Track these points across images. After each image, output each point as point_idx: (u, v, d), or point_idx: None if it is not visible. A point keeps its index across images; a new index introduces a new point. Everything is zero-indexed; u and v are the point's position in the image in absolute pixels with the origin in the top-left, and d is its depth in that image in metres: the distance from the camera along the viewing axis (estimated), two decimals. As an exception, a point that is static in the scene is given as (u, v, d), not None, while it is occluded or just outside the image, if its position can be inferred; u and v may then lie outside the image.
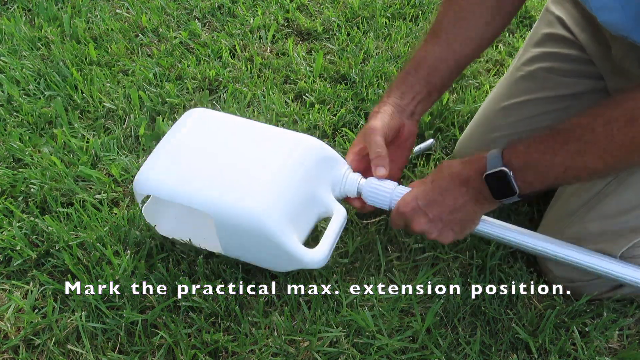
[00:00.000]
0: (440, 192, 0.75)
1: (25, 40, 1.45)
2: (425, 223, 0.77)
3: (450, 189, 0.75)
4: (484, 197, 0.73)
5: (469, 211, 0.76)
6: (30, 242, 0.98)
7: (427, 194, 0.77)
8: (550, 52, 0.97)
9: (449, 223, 0.77)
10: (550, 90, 0.96)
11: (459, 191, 0.74)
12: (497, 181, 0.70)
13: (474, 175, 0.73)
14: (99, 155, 1.14)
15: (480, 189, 0.72)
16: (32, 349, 0.85)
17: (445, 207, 0.75)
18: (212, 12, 1.58)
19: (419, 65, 0.88)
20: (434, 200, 0.76)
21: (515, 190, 0.70)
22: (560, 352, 0.83)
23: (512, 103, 0.99)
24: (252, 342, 0.83)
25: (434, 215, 0.76)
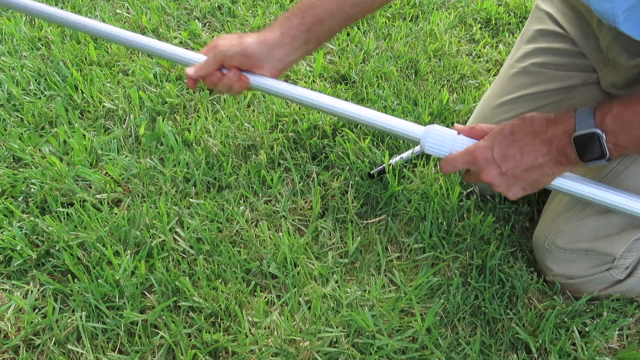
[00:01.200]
0: (519, 147, 0.71)
1: (26, 40, 1.45)
2: (497, 175, 0.73)
3: (531, 147, 0.70)
4: (567, 159, 0.69)
5: (546, 172, 0.71)
6: (30, 242, 0.98)
7: (504, 146, 0.72)
8: (542, 47, 0.97)
9: (521, 180, 0.73)
10: (543, 85, 0.96)
11: (540, 150, 0.70)
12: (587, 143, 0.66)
13: (560, 135, 0.68)
14: (99, 155, 1.14)
15: (565, 150, 0.68)
16: (32, 349, 0.85)
17: (521, 164, 0.71)
18: (212, 12, 1.58)
19: (306, 11, 0.86)
20: (512, 155, 0.71)
21: (605, 153, 0.66)
22: (560, 352, 0.83)
23: (508, 99, 0.99)
24: (252, 342, 0.83)
25: (508, 169, 0.72)
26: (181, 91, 1.31)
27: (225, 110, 1.24)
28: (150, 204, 1.03)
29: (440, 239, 0.97)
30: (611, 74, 0.88)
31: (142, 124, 1.19)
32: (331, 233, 0.99)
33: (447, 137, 0.79)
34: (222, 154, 1.13)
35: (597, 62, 0.91)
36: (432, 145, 0.80)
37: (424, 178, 1.07)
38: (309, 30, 0.85)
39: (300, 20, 0.85)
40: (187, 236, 0.97)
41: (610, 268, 0.85)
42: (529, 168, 0.72)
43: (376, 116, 0.85)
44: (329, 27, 0.86)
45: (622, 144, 0.66)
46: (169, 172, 1.09)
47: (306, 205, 1.05)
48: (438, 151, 0.80)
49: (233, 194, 1.06)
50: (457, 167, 0.77)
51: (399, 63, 1.38)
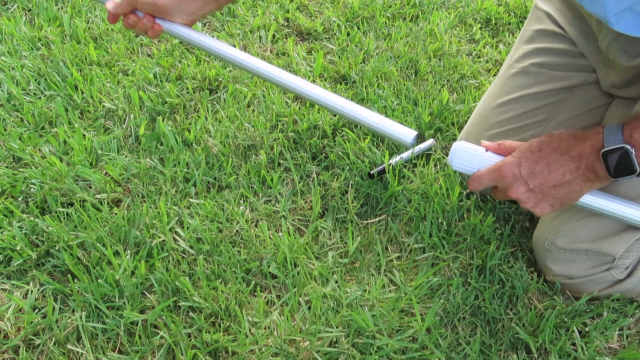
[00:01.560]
0: (547, 164, 0.71)
1: (25, 40, 1.45)
2: (524, 192, 0.73)
3: (559, 163, 0.70)
4: (596, 175, 0.69)
5: (574, 189, 0.71)
6: (30, 242, 0.98)
7: (532, 162, 0.72)
8: (541, 47, 0.98)
9: (549, 196, 0.73)
10: (543, 85, 0.96)
11: (569, 167, 0.70)
12: (616, 159, 0.66)
13: (588, 152, 0.68)
14: (99, 155, 1.14)
15: (593, 166, 0.68)
16: (32, 349, 0.85)
17: (549, 181, 0.71)
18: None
19: None
20: (539, 172, 0.71)
21: (635, 169, 0.65)
22: (560, 352, 0.83)
23: (507, 100, 0.99)
24: (252, 342, 0.83)
25: (535, 185, 0.72)
26: (181, 91, 1.31)
27: (225, 110, 1.24)
28: (150, 204, 1.03)
29: (440, 239, 0.97)
30: (610, 74, 0.88)
31: (142, 124, 1.19)
32: (331, 233, 0.99)
33: (475, 154, 0.79)
34: (222, 154, 1.13)
35: (596, 63, 0.91)
36: (460, 163, 0.80)
37: (424, 178, 1.07)
38: None
39: None
40: (187, 236, 0.97)
41: (610, 268, 0.85)
42: (557, 185, 0.71)
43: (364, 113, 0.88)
44: None
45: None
46: (169, 172, 1.09)
47: (306, 205, 1.05)
48: (466, 169, 0.80)
49: (233, 194, 1.06)
50: (484, 183, 0.77)
51: (399, 63, 1.38)
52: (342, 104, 0.93)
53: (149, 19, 0.94)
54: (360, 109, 0.91)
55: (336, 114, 0.93)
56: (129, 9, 0.94)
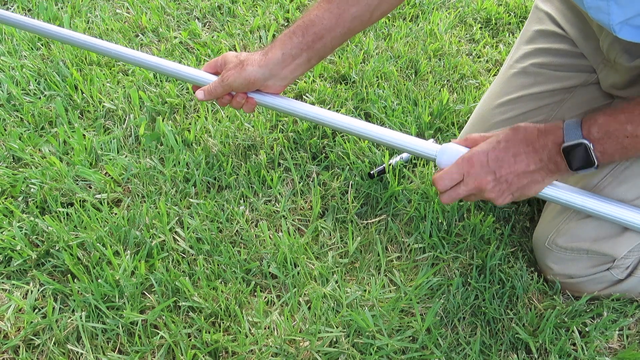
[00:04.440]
0: (514, 154, 0.74)
1: (26, 40, 1.45)
2: (491, 181, 0.76)
3: (525, 154, 0.73)
4: (557, 167, 0.72)
5: (537, 179, 0.75)
6: (30, 242, 0.98)
7: (498, 153, 0.75)
8: (541, 47, 0.98)
9: (512, 186, 0.76)
10: (543, 85, 0.97)
11: (533, 158, 0.73)
12: (576, 153, 0.69)
13: (550, 145, 0.72)
14: (99, 155, 1.14)
15: (555, 159, 0.72)
16: (32, 349, 0.85)
17: (514, 170, 0.74)
18: (212, 12, 1.58)
19: (307, 29, 0.88)
20: (506, 161, 0.74)
21: (594, 162, 0.69)
22: (560, 352, 0.83)
23: (507, 100, 1.00)
24: (252, 342, 0.83)
25: (502, 175, 0.75)
26: (181, 91, 1.31)
27: (225, 110, 1.24)
28: (150, 204, 1.03)
29: (440, 239, 0.97)
30: (611, 74, 0.88)
31: (142, 124, 1.19)
32: (331, 233, 0.99)
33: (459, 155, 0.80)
34: (222, 154, 1.13)
35: (596, 63, 0.91)
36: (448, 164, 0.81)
37: (424, 178, 1.07)
38: (309, 48, 0.88)
39: (301, 39, 0.87)
40: (187, 236, 0.97)
41: (610, 268, 0.85)
42: (521, 174, 0.74)
43: (387, 133, 0.88)
44: (330, 43, 0.89)
45: (609, 152, 0.69)
46: (169, 172, 1.09)
47: (306, 205, 1.05)
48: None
49: (233, 194, 1.06)
50: (454, 179, 0.78)
51: (399, 63, 1.38)
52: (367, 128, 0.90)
53: (242, 96, 0.92)
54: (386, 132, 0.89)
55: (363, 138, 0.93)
56: (223, 94, 0.92)
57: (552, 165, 0.73)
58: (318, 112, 0.92)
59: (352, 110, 1.24)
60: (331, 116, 0.91)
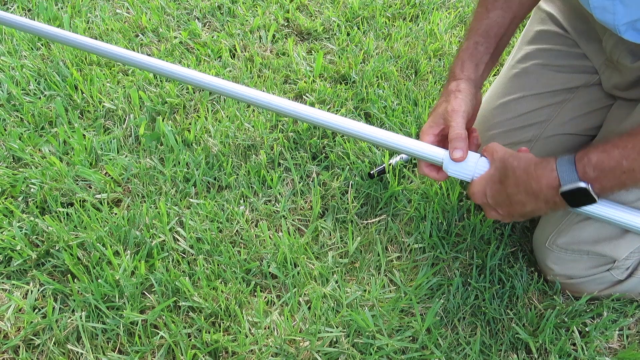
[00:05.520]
0: (508, 195, 0.74)
1: (25, 40, 1.45)
2: (497, 215, 0.79)
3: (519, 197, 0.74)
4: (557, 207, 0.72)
5: (539, 211, 0.76)
6: (30, 242, 0.98)
7: (495, 193, 0.76)
8: (543, 48, 0.98)
9: (518, 217, 0.79)
10: (544, 86, 0.97)
11: (527, 201, 0.73)
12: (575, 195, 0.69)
13: (545, 189, 0.71)
14: (99, 155, 1.14)
15: (554, 200, 0.71)
16: (32, 349, 0.85)
17: (514, 210, 0.76)
18: (212, 12, 1.58)
19: (487, 34, 0.87)
20: (503, 202, 0.76)
21: (595, 199, 0.69)
22: (560, 352, 0.83)
23: (508, 100, 0.99)
24: (252, 342, 0.83)
25: (505, 212, 0.78)
26: (181, 91, 1.31)
27: (225, 110, 1.24)
28: (150, 204, 1.03)
29: (440, 239, 0.97)
30: (614, 75, 0.88)
31: (142, 124, 1.19)
32: (331, 233, 0.99)
33: (469, 161, 0.80)
34: (222, 154, 1.13)
35: (599, 64, 0.91)
36: (455, 170, 0.81)
37: (424, 178, 1.07)
38: (495, 50, 0.88)
39: (486, 45, 0.87)
40: (187, 236, 0.97)
41: (610, 269, 0.85)
42: (523, 214, 0.76)
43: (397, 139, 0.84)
44: (507, 39, 0.89)
45: (608, 187, 0.68)
46: (169, 172, 1.09)
47: (306, 205, 1.05)
48: (461, 175, 0.81)
49: (233, 194, 1.06)
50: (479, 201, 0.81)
51: (399, 63, 1.38)
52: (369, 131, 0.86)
53: None
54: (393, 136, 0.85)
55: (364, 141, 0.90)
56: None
57: (553, 205, 0.72)
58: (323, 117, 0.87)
59: (352, 110, 1.24)
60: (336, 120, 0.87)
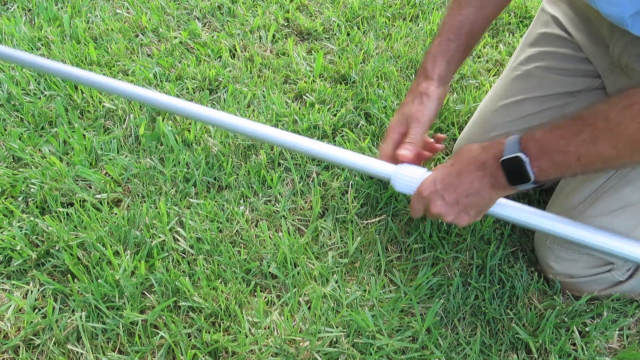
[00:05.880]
0: (458, 175, 0.75)
1: (25, 40, 1.45)
2: (443, 205, 0.77)
3: (467, 173, 0.74)
4: (499, 183, 0.72)
5: (484, 196, 0.75)
6: (30, 242, 0.98)
7: (445, 177, 0.76)
8: (546, 51, 0.98)
9: (465, 207, 0.76)
10: (546, 89, 0.96)
11: (475, 175, 0.74)
12: (513, 167, 0.69)
13: (490, 160, 0.72)
14: (99, 155, 1.14)
15: (495, 174, 0.72)
16: (32, 349, 0.85)
17: (461, 191, 0.75)
18: (212, 12, 1.58)
19: (459, 32, 0.88)
20: (451, 183, 0.76)
21: (530, 177, 0.69)
22: (560, 352, 0.83)
23: (509, 102, 0.99)
24: (252, 342, 0.83)
25: (451, 198, 0.76)
26: (181, 91, 1.31)
27: (226, 110, 1.24)
28: (150, 204, 1.03)
29: (440, 239, 0.97)
30: (620, 79, 0.87)
31: (142, 123, 1.19)
32: (331, 233, 0.99)
33: (415, 176, 0.83)
34: (222, 154, 1.13)
35: (602, 68, 0.90)
36: (402, 185, 0.83)
37: (424, 178, 1.07)
38: (466, 47, 0.89)
39: (458, 42, 0.88)
40: (187, 236, 0.97)
41: (611, 269, 0.85)
42: (468, 193, 0.75)
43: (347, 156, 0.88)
44: (478, 36, 0.90)
45: (544, 167, 0.68)
46: (169, 172, 1.09)
47: (306, 205, 1.05)
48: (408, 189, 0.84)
49: (233, 194, 1.06)
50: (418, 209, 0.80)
51: (399, 63, 1.38)
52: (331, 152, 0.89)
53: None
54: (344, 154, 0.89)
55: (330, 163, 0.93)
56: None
57: (494, 179, 0.73)
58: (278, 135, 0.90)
59: (352, 110, 1.24)
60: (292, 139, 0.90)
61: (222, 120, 0.94)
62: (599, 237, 0.76)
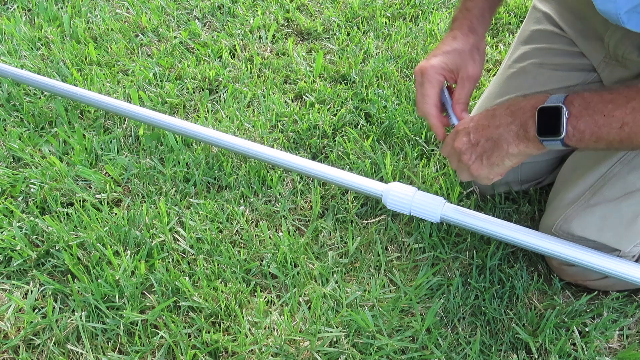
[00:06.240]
0: (491, 117, 0.75)
1: (25, 40, 1.45)
2: (466, 142, 0.76)
3: (499, 117, 0.74)
4: (526, 133, 0.70)
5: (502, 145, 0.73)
6: (30, 242, 0.98)
7: (480, 116, 0.77)
8: (539, 47, 0.98)
9: (483, 152, 0.75)
10: (542, 85, 0.96)
11: (505, 119, 0.73)
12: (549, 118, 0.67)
13: (526, 107, 0.71)
14: (99, 155, 1.14)
15: (526, 122, 0.70)
16: (32, 349, 0.85)
17: (486, 133, 0.74)
18: (212, 12, 1.58)
19: None
20: (482, 124, 0.75)
21: (561, 130, 0.66)
22: (560, 352, 0.83)
23: (505, 100, 0.99)
24: (252, 342, 0.83)
25: (475, 137, 0.75)
26: (181, 91, 1.31)
27: (225, 110, 1.24)
28: (150, 204, 1.03)
29: (440, 239, 0.97)
30: (616, 71, 0.87)
31: (141, 124, 1.19)
32: (331, 233, 0.99)
33: (406, 195, 0.86)
34: (222, 154, 1.13)
35: (597, 61, 0.91)
36: (393, 203, 0.88)
37: (424, 178, 1.07)
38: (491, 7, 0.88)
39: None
40: (187, 236, 0.97)
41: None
42: (489, 138, 0.74)
43: (340, 174, 0.94)
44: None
45: (581, 128, 0.66)
46: (169, 172, 1.09)
47: (306, 205, 1.05)
48: (399, 208, 0.88)
49: (233, 194, 1.06)
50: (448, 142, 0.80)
51: (399, 63, 1.38)
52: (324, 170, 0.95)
53: None
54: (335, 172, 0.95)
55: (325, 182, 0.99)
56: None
57: (522, 130, 0.71)
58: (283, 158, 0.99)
59: (352, 110, 1.24)
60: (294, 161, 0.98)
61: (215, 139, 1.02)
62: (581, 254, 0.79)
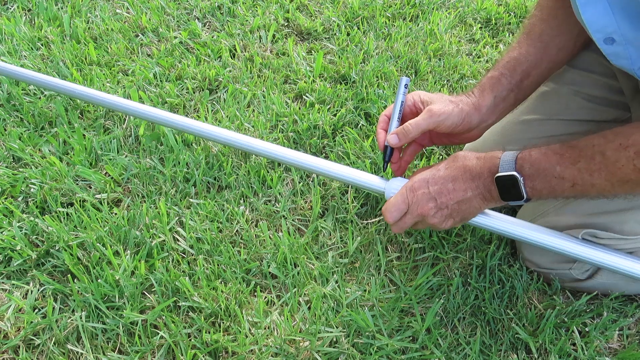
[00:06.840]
0: (452, 181, 0.77)
1: (25, 40, 1.45)
2: (433, 208, 0.78)
3: (463, 181, 0.76)
4: (491, 196, 0.75)
5: (474, 205, 0.77)
6: (30, 242, 0.98)
7: (438, 180, 0.77)
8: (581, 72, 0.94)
9: (452, 212, 0.78)
10: (573, 114, 0.94)
11: (470, 185, 0.76)
12: (507, 184, 0.72)
13: (485, 174, 0.75)
14: (99, 155, 1.14)
15: (489, 187, 0.75)
16: (32, 349, 0.85)
17: (454, 197, 0.77)
18: (212, 12, 1.58)
19: (514, 69, 0.86)
20: (445, 188, 0.77)
21: (523, 195, 0.72)
22: (560, 352, 0.83)
23: (532, 119, 0.97)
24: (252, 342, 0.83)
25: (442, 202, 0.77)
26: (181, 91, 1.31)
27: (225, 110, 1.24)
28: (150, 204, 1.03)
29: (440, 239, 0.97)
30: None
31: (142, 124, 1.19)
32: (331, 233, 0.99)
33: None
34: (222, 154, 1.13)
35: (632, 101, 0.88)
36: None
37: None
38: (517, 87, 0.87)
39: (510, 79, 0.86)
40: (187, 236, 0.97)
41: (571, 268, 0.86)
42: (460, 201, 0.77)
43: (342, 170, 0.91)
44: (535, 80, 0.88)
45: (538, 188, 0.72)
46: (169, 172, 1.09)
47: (306, 205, 1.05)
48: None
49: (233, 194, 1.06)
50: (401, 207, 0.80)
51: (399, 63, 1.38)
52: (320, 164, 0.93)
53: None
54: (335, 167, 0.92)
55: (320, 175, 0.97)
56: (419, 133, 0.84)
57: (487, 193, 0.76)
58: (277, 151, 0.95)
59: (352, 110, 1.24)
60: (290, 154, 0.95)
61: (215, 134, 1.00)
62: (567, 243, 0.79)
